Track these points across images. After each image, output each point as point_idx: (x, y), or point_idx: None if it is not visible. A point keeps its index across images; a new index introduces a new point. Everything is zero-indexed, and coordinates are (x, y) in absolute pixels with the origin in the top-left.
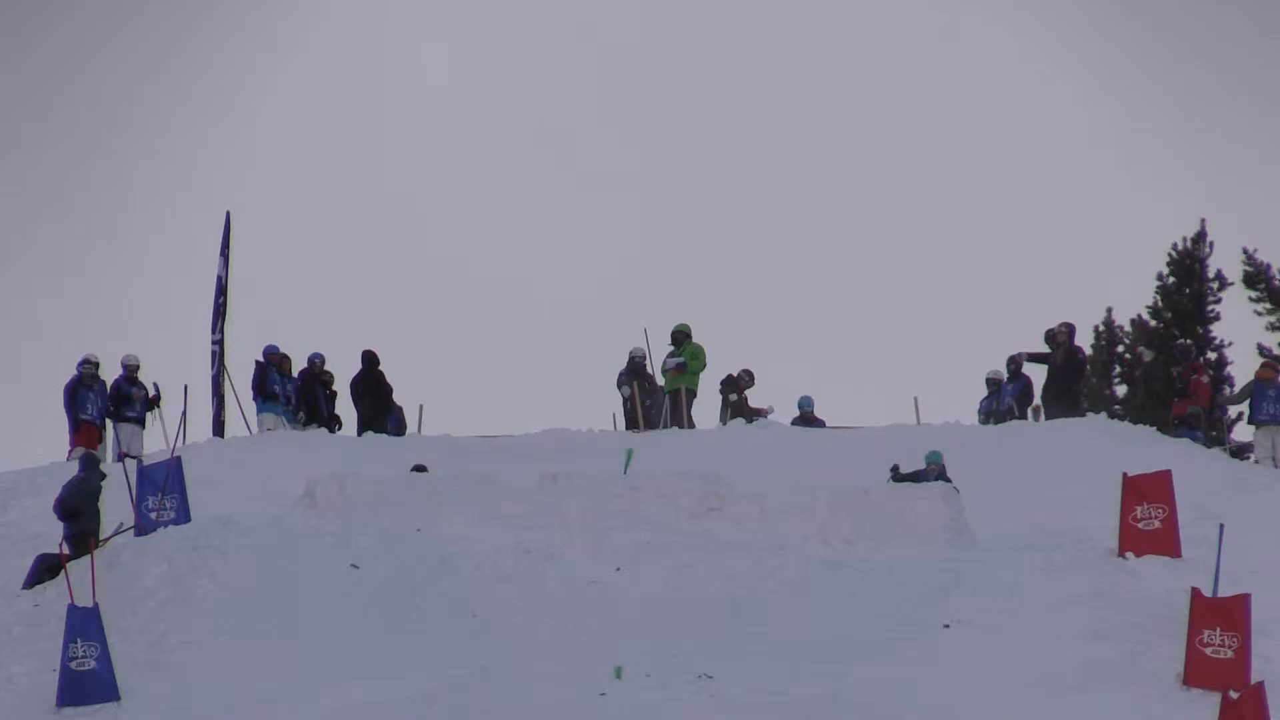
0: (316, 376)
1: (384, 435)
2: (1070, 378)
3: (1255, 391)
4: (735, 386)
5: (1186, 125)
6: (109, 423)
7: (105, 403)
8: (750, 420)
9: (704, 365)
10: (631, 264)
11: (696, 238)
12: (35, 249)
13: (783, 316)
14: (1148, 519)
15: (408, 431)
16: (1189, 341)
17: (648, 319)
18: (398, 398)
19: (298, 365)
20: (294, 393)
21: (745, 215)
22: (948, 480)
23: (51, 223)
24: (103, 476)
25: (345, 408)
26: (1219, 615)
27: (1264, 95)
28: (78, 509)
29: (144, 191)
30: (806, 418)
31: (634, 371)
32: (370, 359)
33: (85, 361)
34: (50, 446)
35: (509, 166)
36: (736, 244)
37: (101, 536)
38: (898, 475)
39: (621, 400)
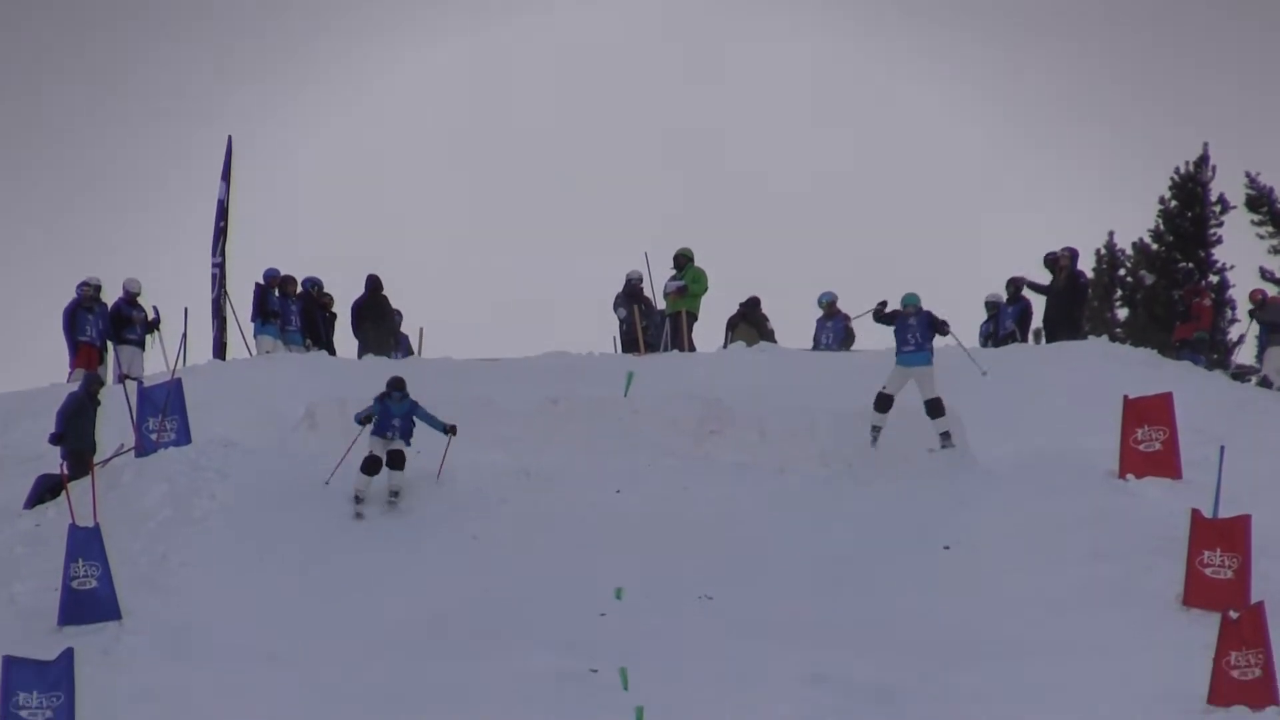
0: (315, 301)
1: (385, 358)
2: (1072, 302)
3: None
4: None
5: (1190, 49)
6: (109, 345)
7: (105, 325)
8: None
9: (705, 289)
10: (634, 186)
11: (698, 162)
12: (36, 171)
13: (783, 241)
14: (1148, 441)
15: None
16: (1190, 265)
17: (649, 243)
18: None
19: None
20: (296, 315)
21: (745, 139)
22: (929, 317)
23: (53, 146)
24: (98, 402)
25: (343, 333)
26: (1219, 536)
27: (1268, 19)
28: (65, 424)
29: (146, 115)
30: (830, 312)
31: (631, 294)
32: (374, 283)
33: (85, 284)
34: (51, 369)
35: (511, 91)
36: (737, 167)
37: (99, 458)
38: (879, 315)
39: (618, 322)
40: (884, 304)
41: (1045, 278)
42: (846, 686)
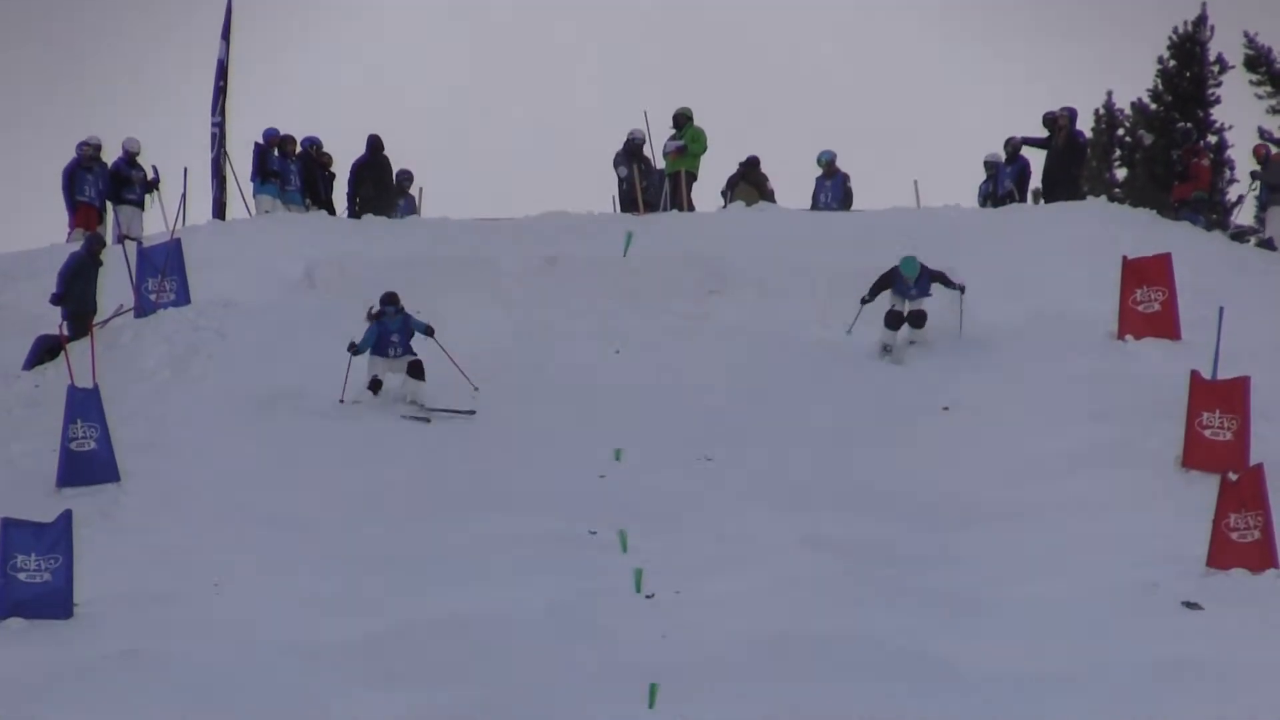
0: (314, 160)
1: (384, 218)
2: (1071, 162)
3: None
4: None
5: None
6: (109, 205)
7: (105, 185)
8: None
9: (704, 148)
10: (634, 45)
11: (698, 20)
12: (36, 31)
13: (783, 102)
14: (1147, 302)
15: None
16: (1189, 125)
17: (649, 103)
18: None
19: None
20: (296, 174)
21: None
22: (930, 276)
23: (54, 5)
24: (99, 263)
25: (341, 193)
26: (1218, 397)
27: None
28: (65, 285)
29: None
30: (829, 171)
31: (631, 153)
32: (375, 143)
33: (85, 144)
34: (50, 229)
35: None
36: (738, 25)
37: (98, 318)
38: (873, 295)
39: (618, 180)
40: (866, 299)
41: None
42: (846, 548)
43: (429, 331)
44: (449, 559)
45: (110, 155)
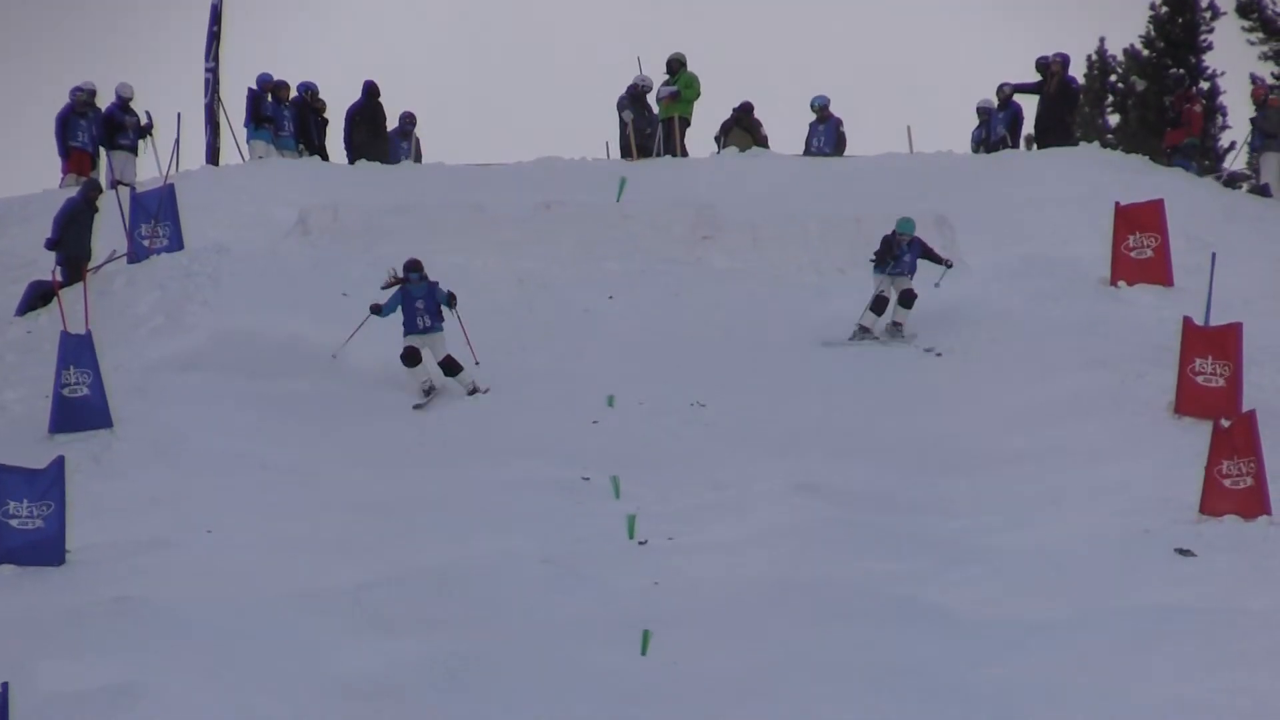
0: (308, 106)
1: (378, 164)
2: (1064, 108)
3: None
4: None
5: None
6: (102, 151)
7: (98, 130)
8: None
9: (698, 94)
10: None
11: None
12: None
13: (777, 49)
14: (1140, 248)
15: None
16: (1181, 71)
17: (643, 49)
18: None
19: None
20: (290, 120)
21: None
22: (922, 248)
23: None
24: (96, 209)
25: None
26: (1211, 344)
27: None
28: (61, 230)
29: None
30: (823, 116)
31: (636, 98)
32: (371, 89)
33: (79, 89)
34: (44, 175)
35: None
36: None
37: (93, 264)
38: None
39: (620, 125)
40: (877, 255)
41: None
42: (838, 494)
43: (451, 300)
44: (442, 505)
45: (104, 101)
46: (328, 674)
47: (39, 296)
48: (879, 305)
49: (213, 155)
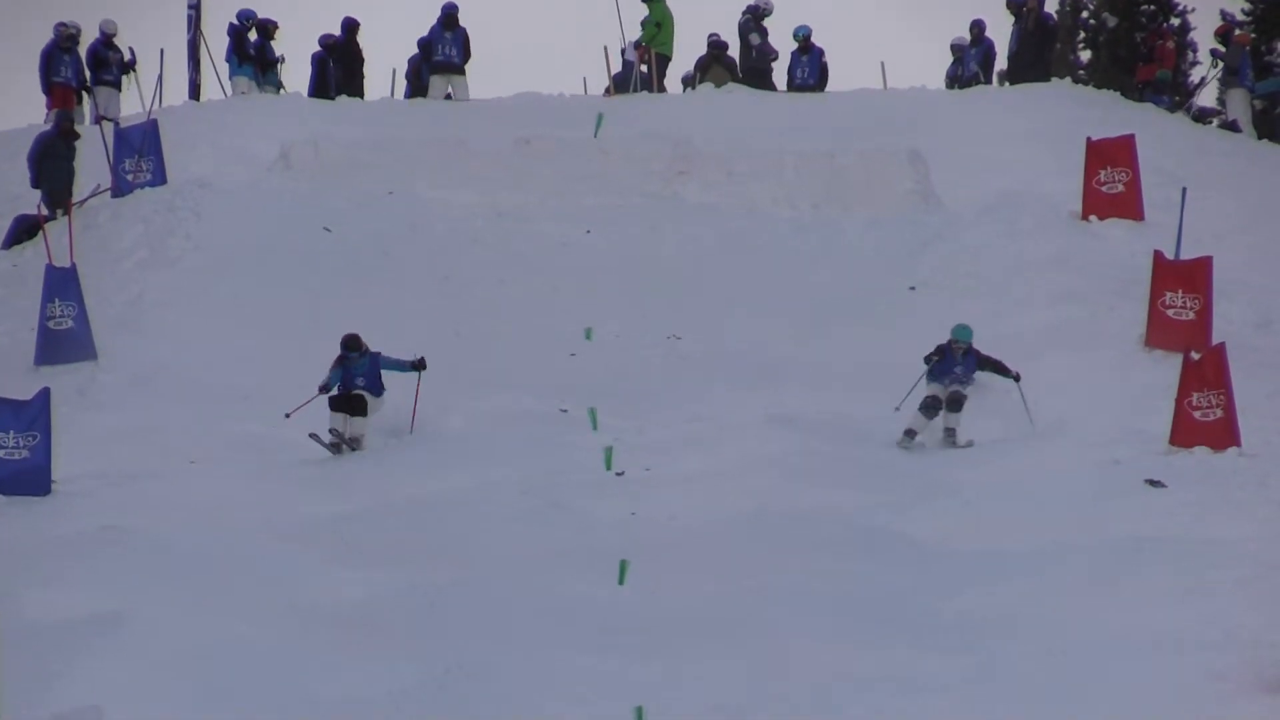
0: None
1: (359, 99)
2: (1042, 44)
3: None
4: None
5: None
6: (86, 86)
7: (82, 66)
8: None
9: (669, 22)
10: None
11: None
12: None
13: None
14: (1111, 183)
15: (380, 96)
16: (1153, 7)
17: None
18: (373, 64)
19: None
20: (272, 55)
21: None
22: (977, 358)
23: None
24: (75, 136)
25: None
26: (1181, 278)
27: None
28: (37, 166)
29: None
30: (805, 46)
31: (757, 19)
32: (350, 26)
33: (62, 25)
34: (28, 110)
35: None
36: None
37: (77, 198)
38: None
39: (623, 64)
40: (931, 357)
41: (1008, 22)
42: (813, 426)
43: (418, 366)
44: (420, 434)
45: (88, 38)
46: (309, 602)
47: (24, 230)
48: (930, 406)
49: (195, 91)
